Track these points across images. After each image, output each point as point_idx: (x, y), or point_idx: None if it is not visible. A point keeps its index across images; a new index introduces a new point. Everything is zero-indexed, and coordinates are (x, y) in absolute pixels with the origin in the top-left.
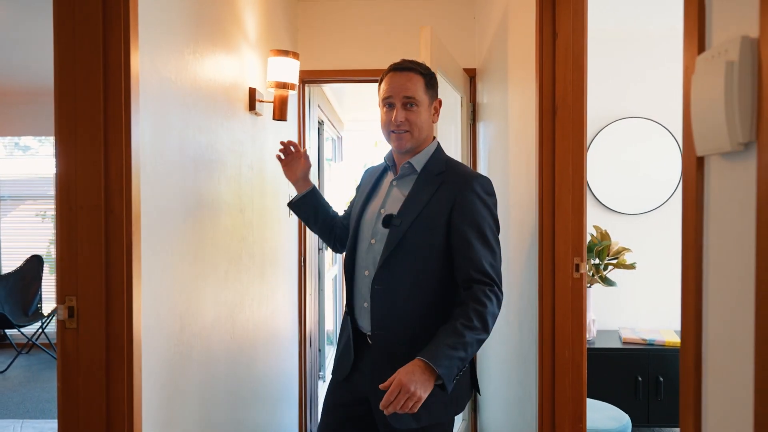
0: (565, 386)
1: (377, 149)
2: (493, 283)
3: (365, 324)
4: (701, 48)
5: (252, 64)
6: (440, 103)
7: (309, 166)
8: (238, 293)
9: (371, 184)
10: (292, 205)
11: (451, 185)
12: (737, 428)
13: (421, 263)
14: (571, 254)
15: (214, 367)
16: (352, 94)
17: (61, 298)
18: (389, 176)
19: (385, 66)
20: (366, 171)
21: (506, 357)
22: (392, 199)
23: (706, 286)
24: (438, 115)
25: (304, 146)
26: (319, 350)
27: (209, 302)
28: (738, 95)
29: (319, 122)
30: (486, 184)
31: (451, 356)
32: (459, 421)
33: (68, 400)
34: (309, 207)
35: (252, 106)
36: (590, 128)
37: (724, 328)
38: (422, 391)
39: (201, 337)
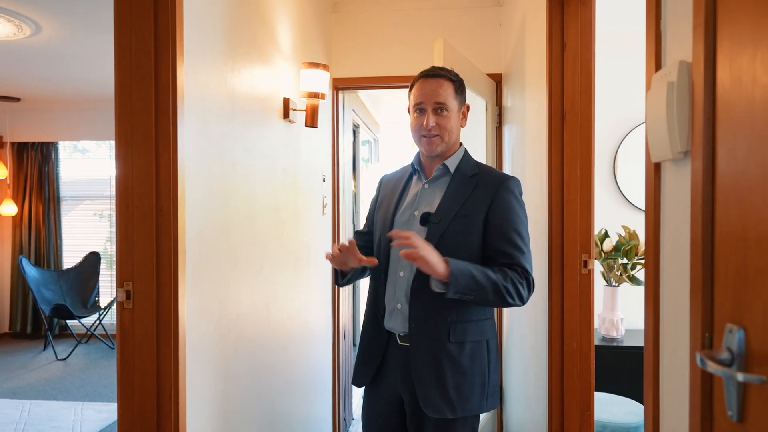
0: (573, 376)
1: (413, 150)
2: (528, 274)
3: (397, 325)
4: (658, 69)
5: (286, 75)
6: (468, 108)
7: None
8: (272, 286)
9: (398, 189)
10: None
11: (486, 186)
12: (680, 396)
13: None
14: (579, 251)
15: (249, 350)
16: (388, 98)
17: (120, 282)
18: (418, 179)
19: (415, 72)
20: (383, 179)
21: (525, 350)
22: (426, 200)
23: (663, 274)
24: (466, 120)
25: (341, 243)
26: (354, 344)
27: (246, 292)
28: (677, 111)
29: (354, 125)
30: (519, 185)
31: (470, 271)
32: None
33: (126, 366)
34: (357, 273)
35: (286, 115)
36: (621, 129)
37: (675, 304)
38: (428, 255)
39: (238, 322)
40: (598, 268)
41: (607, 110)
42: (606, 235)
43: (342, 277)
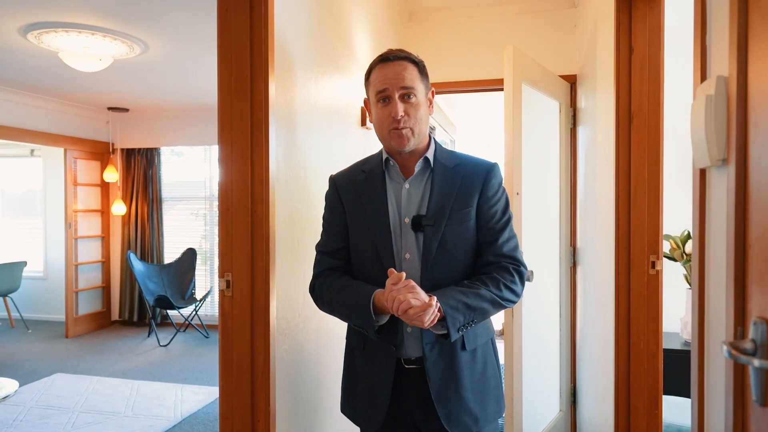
0: (640, 374)
1: (489, 149)
2: (519, 264)
3: (410, 350)
4: (703, 81)
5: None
6: (434, 93)
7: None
8: None
9: (374, 191)
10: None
11: (473, 176)
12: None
13: (461, 259)
14: (647, 252)
15: (327, 340)
16: (463, 101)
17: (221, 273)
18: (391, 179)
19: (489, 75)
20: (337, 182)
21: (596, 351)
22: (411, 202)
23: (708, 274)
24: (432, 107)
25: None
26: None
27: None
28: (714, 121)
29: (430, 128)
30: (500, 171)
31: (461, 300)
32: (555, 412)
33: (226, 345)
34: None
35: (363, 122)
36: None
37: (717, 302)
38: (424, 315)
39: (318, 313)
40: (681, 270)
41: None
42: (689, 236)
43: (373, 327)
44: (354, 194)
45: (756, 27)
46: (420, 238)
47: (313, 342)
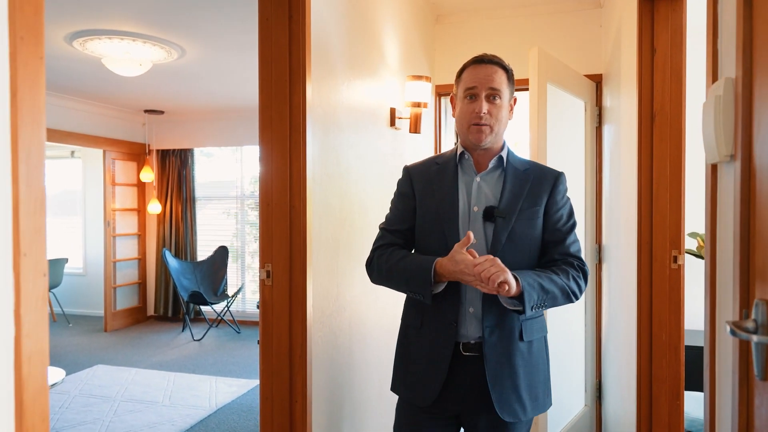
0: (663, 366)
1: (515, 149)
2: (584, 264)
3: (469, 331)
4: (715, 82)
5: (393, 87)
6: (515, 101)
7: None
8: None
9: (445, 181)
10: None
11: (542, 180)
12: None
13: (527, 255)
14: (669, 247)
15: (359, 329)
16: None
17: (262, 264)
18: (464, 172)
19: (519, 76)
20: (411, 171)
21: (620, 345)
22: (482, 194)
23: (719, 263)
24: (513, 113)
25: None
26: None
27: (358, 279)
28: (723, 120)
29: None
30: (566, 179)
31: (538, 282)
32: (581, 407)
33: (266, 331)
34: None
35: (392, 123)
36: None
37: (726, 288)
38: (509, 278)
39: (352, 304)
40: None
41: None
42: None
43: (430, 290)
44: (426, 182)
45: (760, 33)
46: (489, 228)
47: (345, 331)
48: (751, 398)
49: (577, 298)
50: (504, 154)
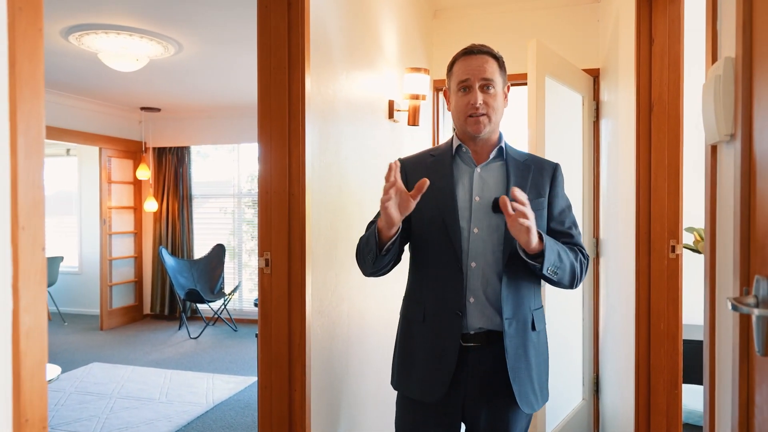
0: (660, 355)
1: (514, 143)
2: (586, 255)
3: (470, 321)
4: (714, 63)
5: (391, 79)
6: (509, 88)
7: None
8: None
9: (444, 172)
10: (385, 252)
11: (541, 171)
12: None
13: None
14: (667, 236)
15: (357, 321)
16: None
17: (261, 252)
18: (462, 163)
19: (513, 70)
20: (404, 163)
21: (618, 337)
22: (484, 185)
23: (718, 243)
24: (508, 100)
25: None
26: None
27: (357, 270)
28: (723, 99)
29: None
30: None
31: (556, 247)
32: (578, 401)
33: (265, 320)
34: (395, 248)
35: (391, 115)
36: None
37: (726, 267)
38: (533, 226)
39: (350, 295)
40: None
41: None
42: None
43: (378, 252)
44: (421, 174)
45: (760, 12)
46: (495, 219)
47: (344, 322)
48: (751, 374)
49: (577, 284)
50: (503, 145)
